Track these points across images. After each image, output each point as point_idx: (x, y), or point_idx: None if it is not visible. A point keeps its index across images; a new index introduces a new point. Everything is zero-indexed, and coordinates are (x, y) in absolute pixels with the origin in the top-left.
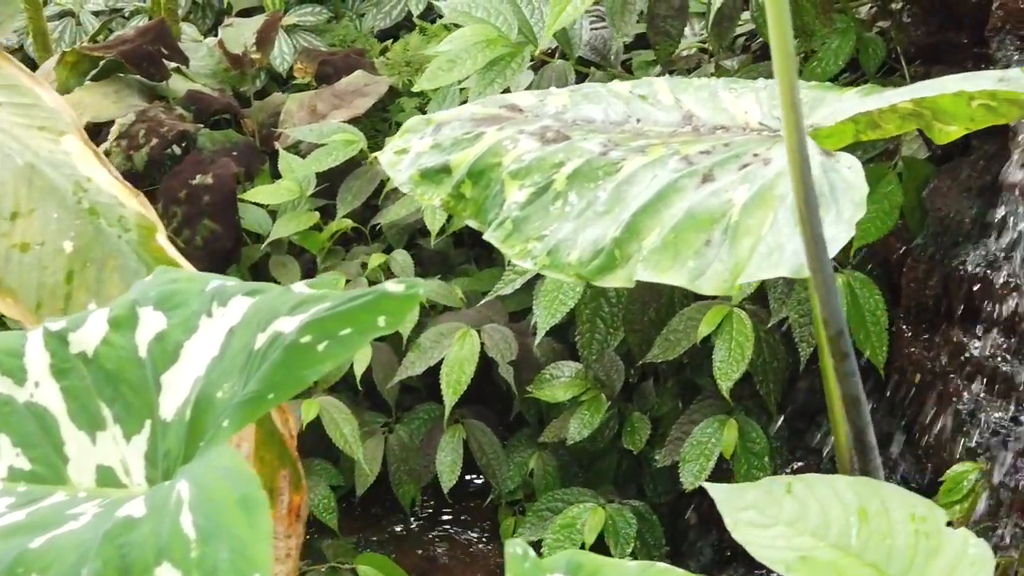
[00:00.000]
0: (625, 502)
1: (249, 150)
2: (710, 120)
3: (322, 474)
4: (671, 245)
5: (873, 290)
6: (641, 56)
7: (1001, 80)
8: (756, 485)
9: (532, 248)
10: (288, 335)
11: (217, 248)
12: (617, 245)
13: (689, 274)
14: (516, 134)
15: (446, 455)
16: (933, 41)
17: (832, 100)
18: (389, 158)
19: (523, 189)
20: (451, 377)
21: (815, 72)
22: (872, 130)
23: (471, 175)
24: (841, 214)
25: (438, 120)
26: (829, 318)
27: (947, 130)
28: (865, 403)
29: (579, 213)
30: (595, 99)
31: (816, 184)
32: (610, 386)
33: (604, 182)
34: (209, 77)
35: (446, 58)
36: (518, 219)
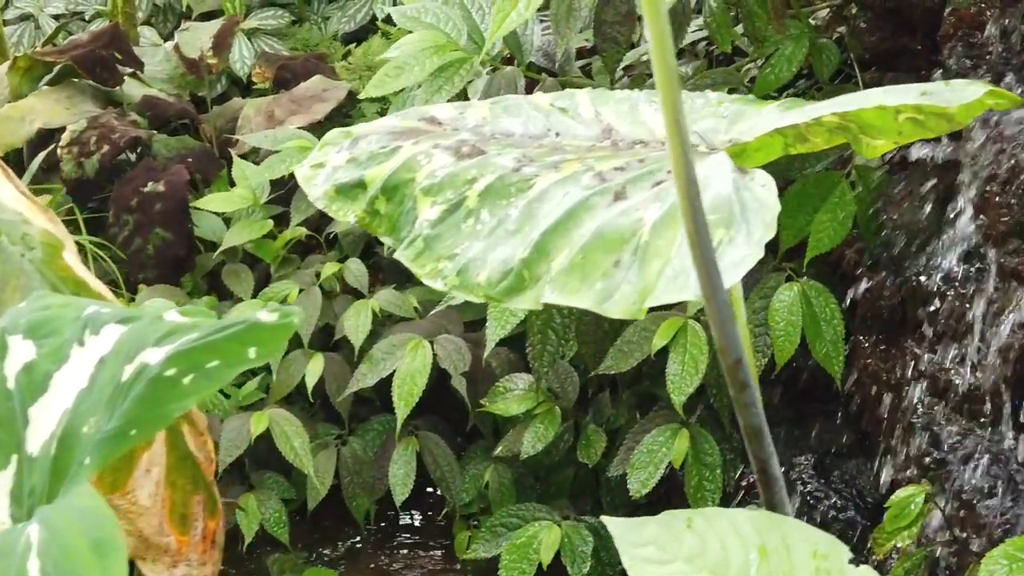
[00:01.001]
0: (581, 519)
1: (205, 156)
2: (629, 134)
3: (274, 487)
4: (579, 266)
5: (829, 299)
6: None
7: (923, 94)
8: (656, 520)
9: (443, 267)
10: (153, 367)
11: (169, 256)
12: (526, 265)
13: (596, 296)
14: (431, 148)
15: (399, 468)
16: (887, 47)
17: (752, 114)
18: (305, 173)
19: (435, 206)
20: (403, 389)
21: (768, 79)
22: (801, 143)
23: (385, 191)
24: (751, 234)
25: (356, 133)
26: (726, 346)
27: (874, 144)
28: (768, 434)
29: (490, 231)
30: (515, 112)
31: (726, 203)
32: (565, 398)
33: (516, 199)
34: (166, 82)
35: (393, 64)
36: (429, 237)
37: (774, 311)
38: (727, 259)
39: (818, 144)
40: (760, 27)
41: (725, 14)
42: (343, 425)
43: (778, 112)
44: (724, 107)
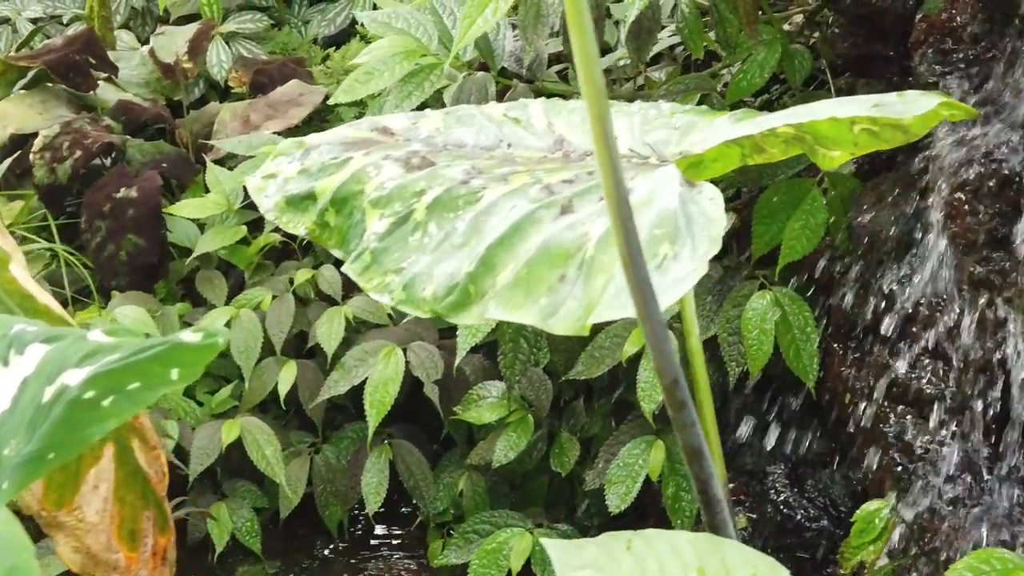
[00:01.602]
0: (553, 526)
1: (180, 161)
2: (581, 146)
3: (246, 496)
4: (524, 281)
5: (803, 307)
6: None
7: (876, 106)
8: (595, 541)
9: (389, 282)
10: (72, 389)
11: (142, 263)
12: (471, 280)
13: (541, 312)
14: (381, 160)
15: (371, 477)
16: (860, 53)
17: (703, 125)
18: (256, 183)
19: (384, 219)
20: (375, 397)
21: (740, 85)
22: (758, 154)
23: (334, 203)
24: (696, 249)
25: (309, 144)
26: (662, 367)
27: (831, 155)
28: (708, 455)
29: (437, 245)
30: (468, 122)
31: (672, 217)
32: (538, 406)
33: (464, 212)
34: (142, 86)
35: (363, 70)
36: (377, 250)
37: (747, 320)
38: (671, 275)
39: (775, 155)
40: (732, 33)
41: (697, 20)
42: (317, 433)
43: (729, 124)
44: (676, 118)
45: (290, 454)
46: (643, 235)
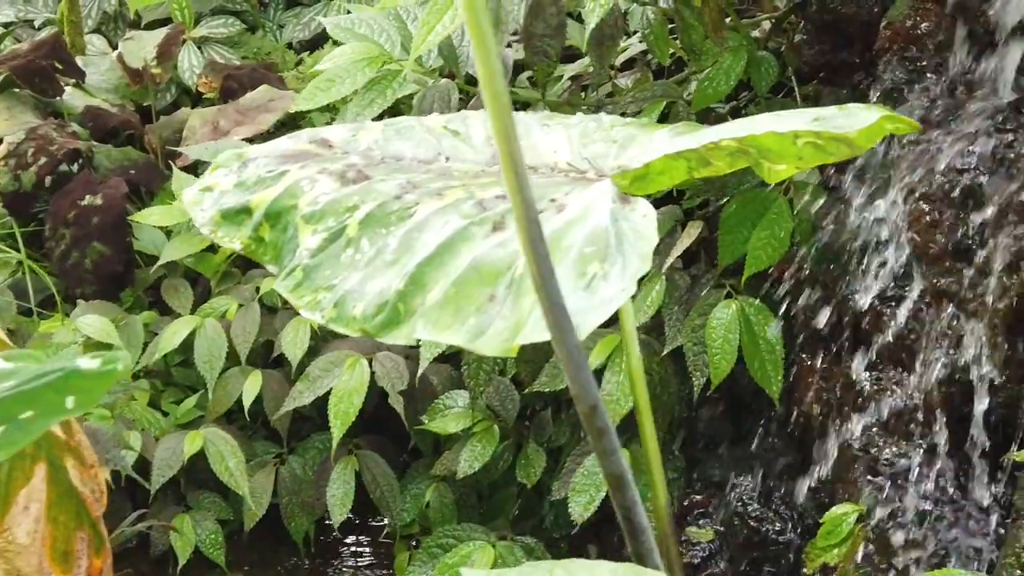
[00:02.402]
0: (517, 539)
1: (149, 168)
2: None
3: (210, 508)
4: (452, 300)
5: (768, 317)
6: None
7: (816, 120)
8: (516, 571)
9: (321, 299)
10: None
11: (107, 271)
12: (401, 298)
13: (469, 333)
14: (316, 173)
15: (337, 488)
16: (826, 60)
17: (643, 139)
18: (193, 196)
19: (316, 234)
20: (339, 408)
21: (706, 92)
22: (704, 167)
23: (268, 217)
24: (626, 268)
25: (248, 155)
26: (579, 393)
27: (776, 169)
28: (631, 483)
29: (368, 262)
30: (407, 134)
31: (603, 235)
32: (505, 416)
33: (396, 228)
34: (111, 92)
35: (325, 77)
36: (309, 267)
37: (711, 329)
38: (599, 295)
39: (721, 168)
40: (696, 40)
41: (663, 26)
42: (283, 443)
43: (669, 137)
44: (616, 131)
45: (255, 465)
46: (573, 253)
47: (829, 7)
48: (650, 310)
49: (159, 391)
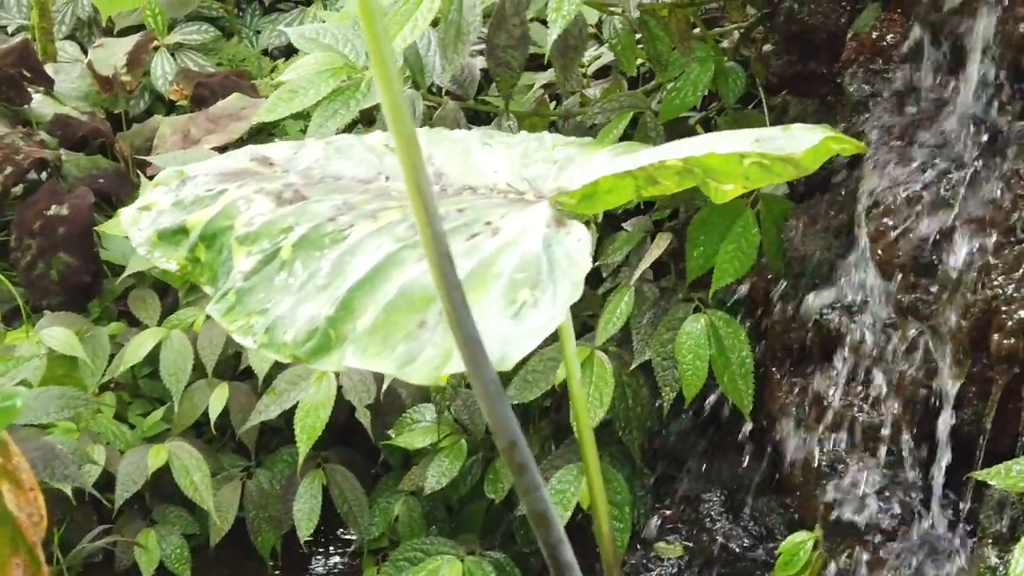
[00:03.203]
0: (485, 553)
1: (118, 177)
2: (459, 179)
3: (176, 522)
4: (382, 326)
5: (737, 331)
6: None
7: (757, 141)
8: None
9: (253, 324)
10: None
11: (73, 282)
12: (331, 324)
13: (398, 360)
14: (253, 193)
15: (304, 503)
16: (794, 71)
17: (582, 160)
18: (130, 215)
19: (250, 257)
20: (305, 422)
21: (673, 103)
22: (651, 186)
23: (204, 238)
24: (557, 296)
25: (188, 174)
26: (498, 428)
27: (723, 188)
28: (556, 519)
29: (301, 286)
30: (348, 153)
31: (534, 261)
32: (474, 430)
33: (329, 251)
34: (81, 100)
35: (288, 87)
36: (242, 290)
37: (680, 343)
38: (528, 324)
39: (669, 187)
40: (662, 50)
41: (630, 36)
42: (250, 457)
43: (609, 158)
44: (557, 151)
45: (222, 479)
46: (504, 280)
47: (796, 17)
48: (619, 322)
49: (126, 403)
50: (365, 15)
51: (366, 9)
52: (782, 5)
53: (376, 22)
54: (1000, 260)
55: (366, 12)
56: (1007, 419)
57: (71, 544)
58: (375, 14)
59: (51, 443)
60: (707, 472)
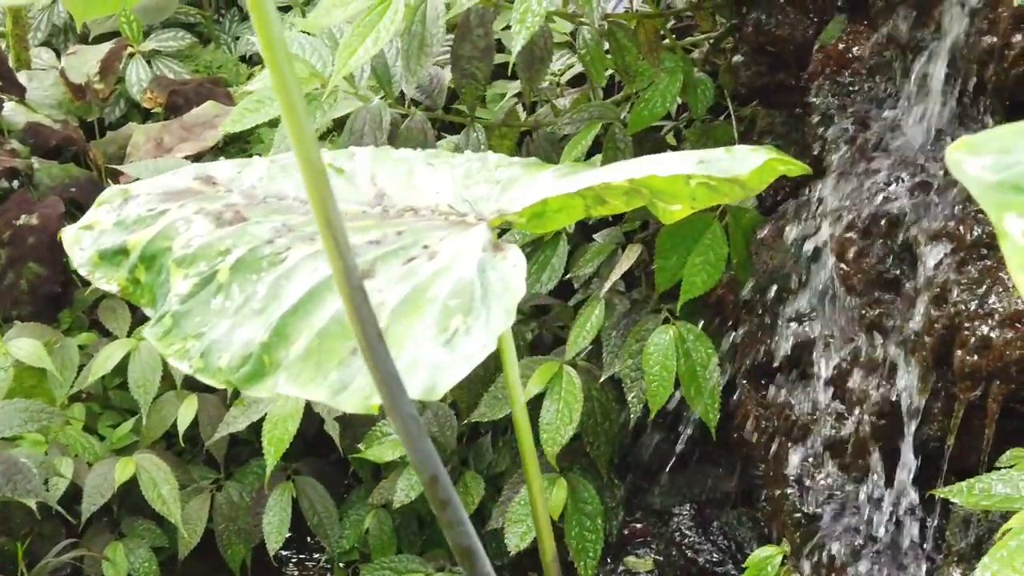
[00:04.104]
0: (455, 569)
1: (90, 186)
2: (401, 200)
3: (144, 535)
4: (315, 353)
5: (706, 343)
6: (495, 88)
7: (700, 163)
8: None
9: (189, 348)
10: None
11: (43, 293)
12: (265, 350)
13: (330, 389)
14: (192, 214)
15: (273, 515)
16: (763, 83)
17: (525, 181)
18: (72, 235)
19: (187, 279)
20: (273, 434)
21: (642, 114)
22: (600, 205)
23: (143, 259)
24: (490, 322)
25: (132, 192)
26: (419, 463)
27: (671, 209)
28: (481, 554)
29: (237, 310)
30: (292, 172)
31: (468, 287)
32: (443, 442)
33: (266, 274)
34: (54, 107)
35: (254, 98)
36: (178, 314)
37: (648, 355)
38: (460, 351)
39: (618, 207)
40: (631, 61)
41: (599, 46)
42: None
43: (552, 179)
44: (500, 172)
45: (191, 491)
46: (438, 306)
47: (764, 29)
48: (589, 335)
49: (96, 415)
50: (267, 50)
51: (268, 44)
52: (750, 16)
53: (278, 51)
54: (963, 276)
55: (268, 47)
56: (972, 435)
57: (38, 557)
58: (276, 45)
59: (14, 457)
60: (678, 485)
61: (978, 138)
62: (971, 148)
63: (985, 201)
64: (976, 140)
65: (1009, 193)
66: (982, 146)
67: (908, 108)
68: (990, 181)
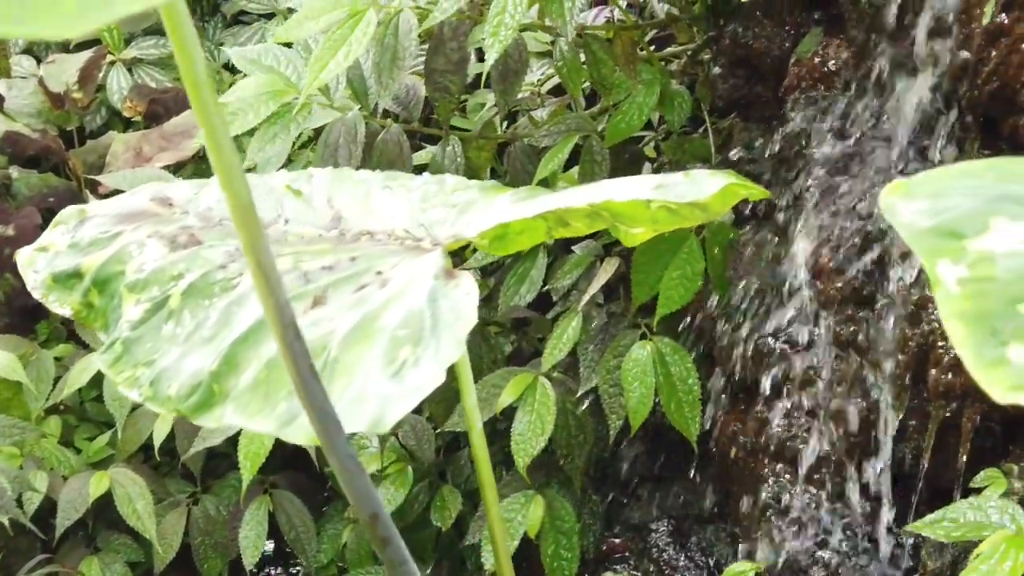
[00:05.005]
0: None
1: (69, 196)
2: (358, 224)
3: (120, 549)
4: (263, 383)
5: (685, 358)
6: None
7: (658, 187)
8: None
9: (140, 375)
10: None
11: (19, 305)
12: (215, 379)
13: (278, 420)
14: (146, 237)
15: (250, 529)
16: (741, 95)
17: (482, 204)
18: (27, 256)
19: (139, 305)
20: (249, 448)
21: (619, 127)
22: (563, 227)
23: (96, 283)
24: (439, 352)
25: (89, 212)
26: (358, 501)
27: (633, 232)
28: None
29: (187, 336)
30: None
31: (418, 317)
32: (421, 456)
33: (218, 300)
34: (33, 116)
35: (227, 110)
36: (129, 340)
37: (626, 371)
38: (407, 383)
39: (580, 229)
40: (606, 74)
41: (576, 59)
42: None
43: (509, 203)
44: (457, 195)
45: (168, 505)
46: (386, 336)
47: (741, 41)
48: (566, 348)
49: (73, 427)
50: (189, 81)
51: (190, 78)
52: (727, 28)
53: (203, 91)
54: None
55: (190, 80)
56: (947, 454)
57: (12, 572)
58: (200, 85)
59: None
60: (656, 500)
61: (913, 181)
62: (906, 192)
63: (918, 247)
64: (911, 183)
65: (943, 239)
66: (917, 189)
67: (883, 123)
68: (923, 226)
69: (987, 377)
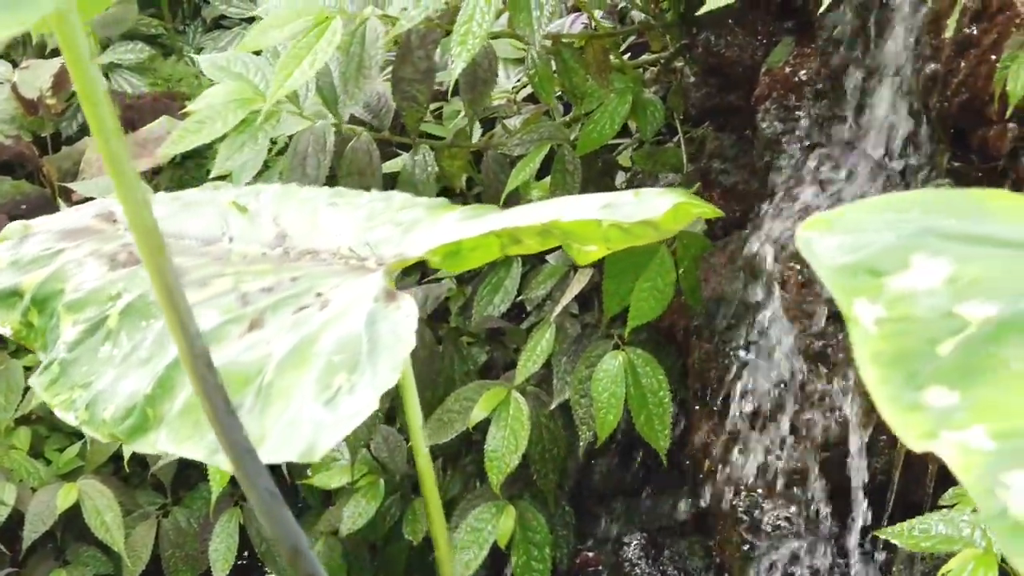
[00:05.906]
0: None
1: (42, 203)
2: (303, 242)
3: (89, 562)
4: (195, 408)
5: (656, 369)
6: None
7: (605, 206)
8: None
9: (76, 398)
10: None
11: None
12: (149, 403)
13: (208, 448)
14: (85, 256)
15: (220, 542)
16: (713, 104)
17: (428, 223)
18: None
19: (76, 325)
20: None
21: (591, 136)
22: (515, 245)
23: (35, 302)
24: (376, 377)
25: (32, 229)
26: (279, 537)
27: (586, 250)
28: None
29: (124, 358)
30: (196, 210)
31: (355, 341)
32: (393, 468)
33: (156, 321)
34: (7, 123)
35: (195, 118)
36: (66, 362)
37: (597, 381)
38: (342, 410)
39: (532, 246)
40: (578, 82)
41: (547, 67)
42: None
43: (455, 222)
44: (403, 213)
45: (138, 516)
46: (322, 361)
47: (713, 50)
48: (539, 359)
49: (43, 437)
50: (84, 97)
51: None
52: (700, 36)
53: (102, 111)
54: None
55: (85, 96)
56: (917, 469)
57: None
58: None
59: None
60: (630, 512)
61: (834, 215)
62: (825, 226)
63: (833, 285)
64: (830, 217)
65: (861, 276)
66: (837, 224)
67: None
68: (840, 263)
69: (902, 422)
